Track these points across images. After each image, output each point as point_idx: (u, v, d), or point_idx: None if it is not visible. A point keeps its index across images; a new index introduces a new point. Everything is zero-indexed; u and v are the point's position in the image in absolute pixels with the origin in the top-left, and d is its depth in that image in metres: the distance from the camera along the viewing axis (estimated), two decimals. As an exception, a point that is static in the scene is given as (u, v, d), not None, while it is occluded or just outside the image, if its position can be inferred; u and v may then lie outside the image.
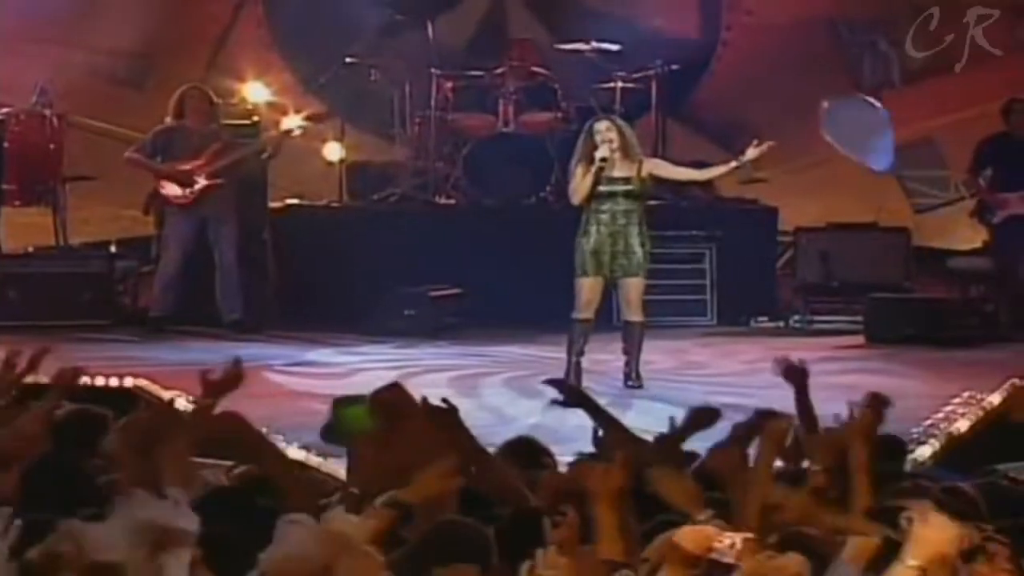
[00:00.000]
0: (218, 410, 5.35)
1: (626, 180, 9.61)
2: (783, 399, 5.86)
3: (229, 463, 5.29)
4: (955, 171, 13.57)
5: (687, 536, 3.88)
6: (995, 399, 7.77)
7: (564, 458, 5.43)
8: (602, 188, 9.59)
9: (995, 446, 7.01)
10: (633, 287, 9.61)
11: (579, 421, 5.70)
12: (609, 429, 5.87)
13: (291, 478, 4.92)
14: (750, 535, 3.85)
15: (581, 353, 9.52)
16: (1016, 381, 7.89)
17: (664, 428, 5.58)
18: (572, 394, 6.10)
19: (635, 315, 9.64)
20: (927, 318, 11.36)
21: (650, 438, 5.38)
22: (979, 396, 7.88)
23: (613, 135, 9.59)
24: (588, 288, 9.60)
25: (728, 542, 3.82)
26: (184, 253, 11.62)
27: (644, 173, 9.69)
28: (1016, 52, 13.31)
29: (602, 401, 6.23)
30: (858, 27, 13.68)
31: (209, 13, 13.60)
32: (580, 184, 9.60)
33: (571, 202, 9.74)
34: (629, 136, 9.72)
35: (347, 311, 11.73)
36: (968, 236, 12.88)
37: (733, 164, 9.82)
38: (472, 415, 5.87)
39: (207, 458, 5.19)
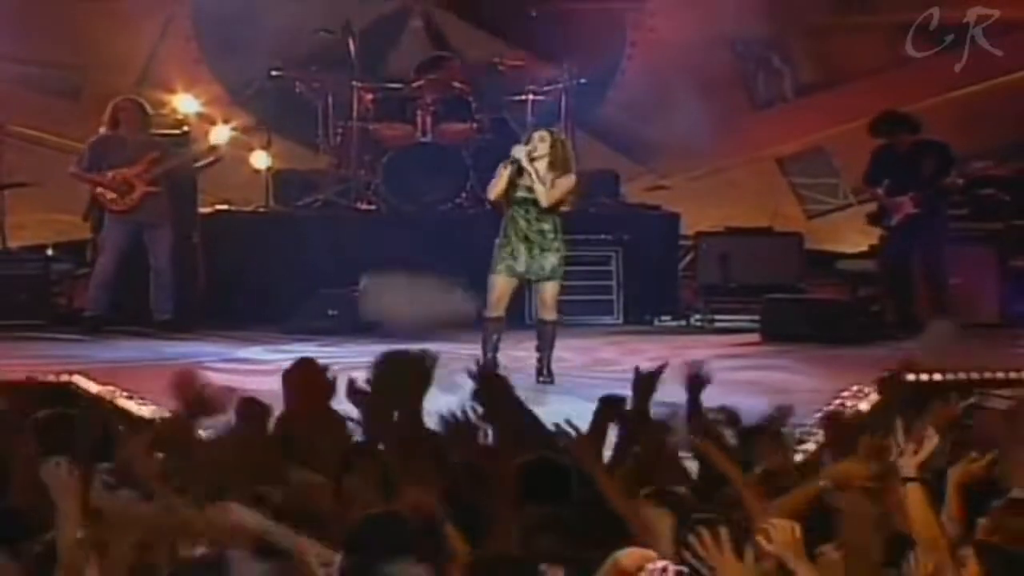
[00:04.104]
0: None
1: (545, 190, 9.66)
2: (683, 394, 5.95)
3: None
4: (845, 178, 13.77)
5: (628, 554, 4.03)
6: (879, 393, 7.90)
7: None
8: (519, 195, 9.67)
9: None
10: (548, 289, 9.72)
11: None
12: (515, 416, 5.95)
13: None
14: (684, 568, 3.96)
15: (495, 350, 9.57)
16: (888, 374, 8.02)
17: (575, 421, 5.71)
18: (487, 378, 6.15)
19: (549, 315, 9.74)
20: (819, 317, 11.49)
21: None
22: (866, 390, 8.00)
23: (544, 145, 9.68)
24: (499, 287, 9.67)
25: (660, 566, 3.94)
26: (120, 256, 11.58)
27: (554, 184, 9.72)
28: (900, 67, 13.51)
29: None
30: (753, 44, 13.84)
31: (140, 27, 13.54)
32: (495, 182, 9.73)
33: (488, 197, 9.88)
34: (562, 150, 9.75)
35: (274, 311, 11.72)
36: (856, 240, 13.07)
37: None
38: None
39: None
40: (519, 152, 9.65)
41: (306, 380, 5.84)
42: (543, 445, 5.53)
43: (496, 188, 9.72)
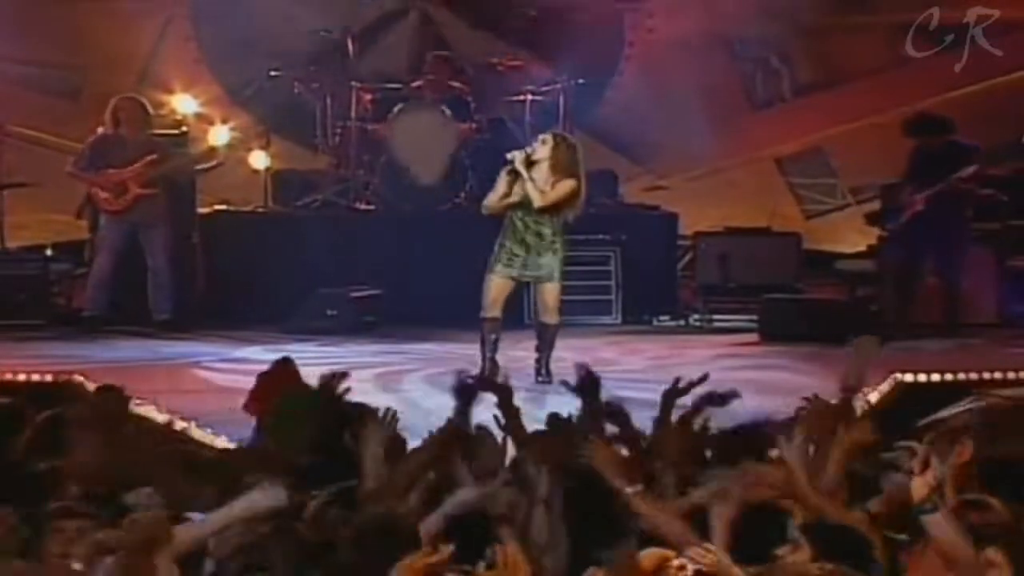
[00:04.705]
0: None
1: (540, 192, 9.58)
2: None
3: None
4: (843, 179, 13.76)
5: (648, 555, 4.04)
6: (879, 393, 7.89)
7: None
8: (517, 198, 9.61)
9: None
10: (548, 292, 9.62)
11: (493, 413, 5.75)
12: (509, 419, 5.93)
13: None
14: (702, 567, 3.97)
15: (494, 351, 9.51)
16: (898, 375, 8.02)
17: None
18: (485, 383, 6.12)
19: (551, 319, 9.64)
20: (817, 317, 11.48)
21: None
22: (864, 390, 7.97)
23: (545, 148, 9.58)
24: (495, 287, 9.57)
25: (678, 563, 3.95)
26: (116, 256, 11.56)
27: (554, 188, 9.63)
28: (899, 67, 13.50)
29: (516, 395, 6.27)
30: (751, 45, 13.84)
31: (139, 28, 13.53)
32: (492, 194, 9.66)
33: (484, 210, 9.78)
34: (565, 153, 9.60)
35: (272, 311, 11.71)
36: (855, 240, 13.06)
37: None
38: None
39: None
40: (514, 155, 9.58)
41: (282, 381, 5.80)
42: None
43: (491, 202, 9.64)
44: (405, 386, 9.51)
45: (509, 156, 9.61)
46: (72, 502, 4.37)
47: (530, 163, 9.58)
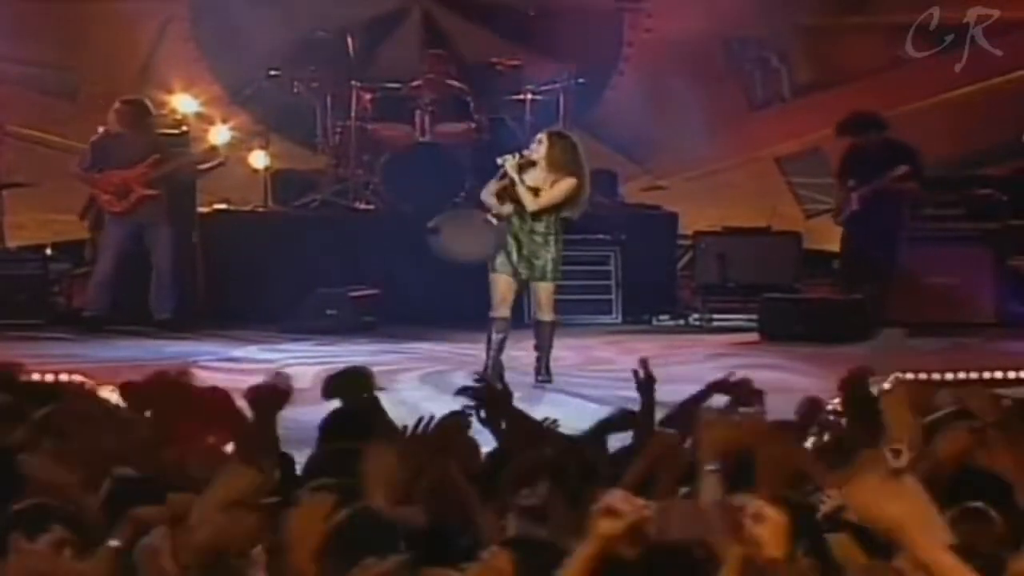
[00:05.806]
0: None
1: (535, 191, 9.57)
2: (682, 394, 5.93)
3: None
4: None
5: None
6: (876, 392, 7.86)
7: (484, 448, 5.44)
8: (508, 208, 9.59)
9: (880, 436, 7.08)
10: (543, 290, 9.61)
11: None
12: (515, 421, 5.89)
13: None
14: None
15: (500, 351, 9.48)
16: (899, 375, 7.99)
17: (572, 420, 5.68)
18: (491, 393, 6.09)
19: (545, 316, 9.64)
20: (817, 317, 11.47)
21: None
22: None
23: (542, 148, 9.54)
24: (500, 286, 9.55)
25: None
26: (120, 256, 11.56)
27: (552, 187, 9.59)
28: (898, 67, 13.49)
29: (515, 394, 6.26)
30: (750, 44, 13.82)
31: (138, 29, 13.52)
32: (484, 192, 9.67)
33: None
34: (561, 153, 9.53)
35: (271, 310, 11.70)
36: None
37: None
38: (389, 409, 5.88)
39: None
40: (506, 159, 9.55)
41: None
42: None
43: (483, 197, 9.64)
44: (402, 386, 9.50)
45: (499, 161, 9.57)
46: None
47: (529, 164, 9.55)
